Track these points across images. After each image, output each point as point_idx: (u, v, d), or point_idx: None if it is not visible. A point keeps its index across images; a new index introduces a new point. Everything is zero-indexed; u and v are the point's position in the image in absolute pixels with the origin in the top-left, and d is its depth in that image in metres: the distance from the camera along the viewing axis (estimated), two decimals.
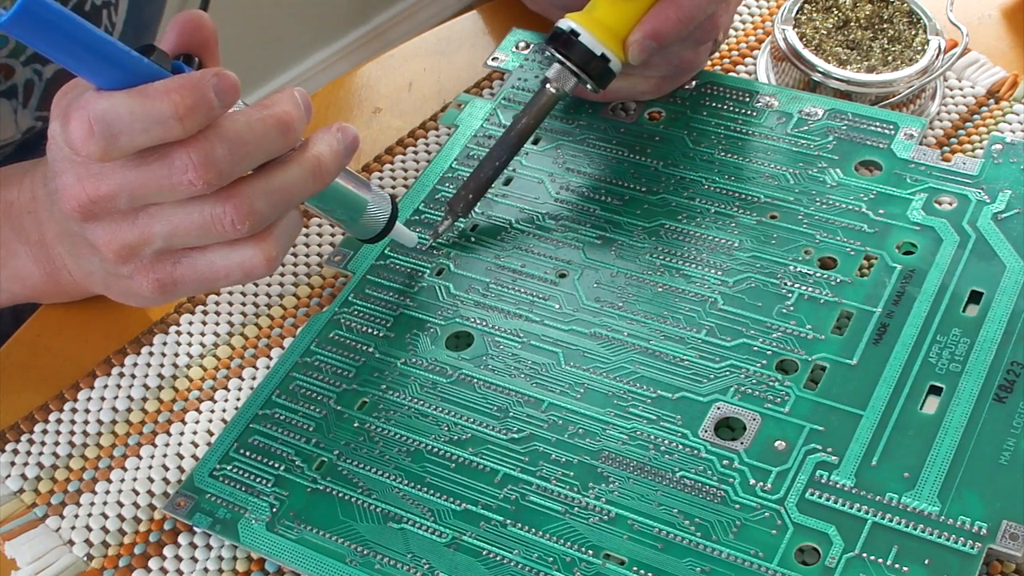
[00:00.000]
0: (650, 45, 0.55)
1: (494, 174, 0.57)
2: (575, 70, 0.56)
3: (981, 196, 0.55)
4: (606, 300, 0.54)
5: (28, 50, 0.62)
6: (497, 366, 0.52)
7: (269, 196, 0.45)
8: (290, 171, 0.46)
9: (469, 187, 0.57)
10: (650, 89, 0.60)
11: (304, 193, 0.47)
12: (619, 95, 0.61)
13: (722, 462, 0.48)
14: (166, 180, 0.43)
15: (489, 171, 0.57)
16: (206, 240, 0.45)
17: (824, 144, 0.58)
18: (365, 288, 0.56)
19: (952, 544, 0.45)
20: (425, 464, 0.49)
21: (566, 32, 0.56)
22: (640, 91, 0.60)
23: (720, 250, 0.55)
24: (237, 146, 0.44)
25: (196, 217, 0.45)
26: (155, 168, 0.43)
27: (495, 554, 0.47)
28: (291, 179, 0.46)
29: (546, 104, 0.57)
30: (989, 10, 0.66)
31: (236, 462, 0.51)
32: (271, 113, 0.45)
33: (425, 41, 0.69)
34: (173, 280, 0.47)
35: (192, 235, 0.45)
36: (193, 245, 0.46)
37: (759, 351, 0.51)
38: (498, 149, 0.57)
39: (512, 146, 0.57)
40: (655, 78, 0.60)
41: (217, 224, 0.45)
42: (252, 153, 0.44)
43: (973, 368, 0.49)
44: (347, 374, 0.53)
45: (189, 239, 0.45)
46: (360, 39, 1.66)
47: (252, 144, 0.44)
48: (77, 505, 0.51)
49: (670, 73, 0.60)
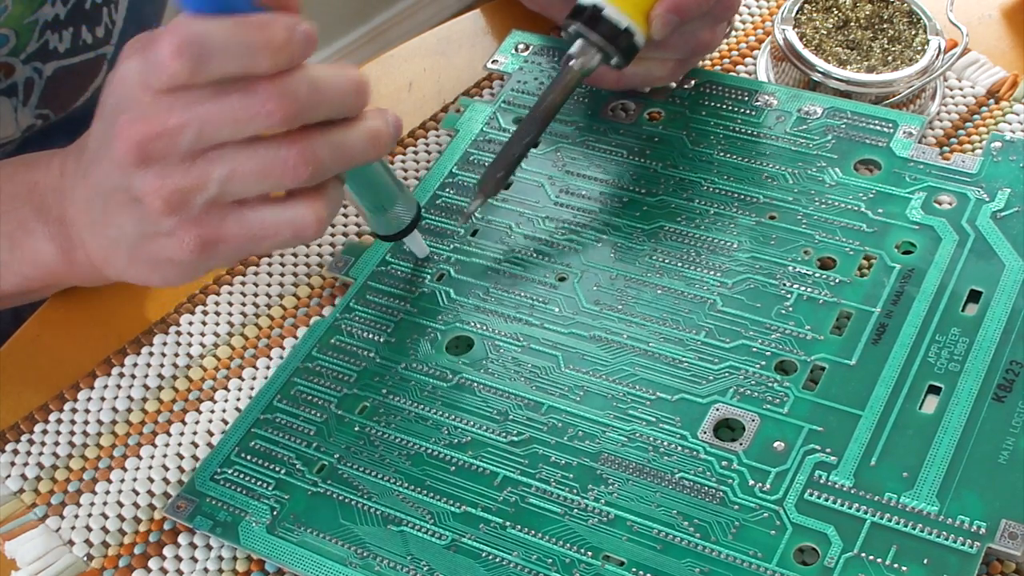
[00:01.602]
0: (673, 19, 0.56)
1: (522, 152, 0.56)
2: (600, 44, 0.56)
3: (980, 195, 0.55)
4: (605, 303, 0.54)
5: (29, 48, 0.62)
6: (497, 370, 0.52)
7: (332, 149, 0.45)
8: (353, 132, 0.46)
9: (498, 166, 0.56)
10: (666, 74, 0.60)
11: (362, 157, 0.46)
12: (635, 81, 0.61)
13: (721, 463, 0.48)
14: (244, 111, 0.43)
15: (518, 150, 0.56)
16: (263, 186, 0.45)
17: (823, 143, 0.58)
18: (366, 294, 0.56)
19: (951, 543, 0.45)
20: (425, 467, 0.50)
21: (589, 7, 0.55)
22: (656, 76, 0.60)
23: (719, 251, 0.55)
24: (317, 90, 0.44)
25: (258, 159, 0.44)
26: (234, 99, 0.43)
27: (495, 556, 0.47)
28: (353, 139, 0.46)
29: (571, 81, 0.56)
30: (989, 10, 0.66)
31: (237, 466, 0.51)
32: (349, 73, 0.45)
33: (425, 41, 0.69)
34: (218, 237, 0.45)
35: (250, 180, 0.44)
36: (248, 194, 0.45)
37: (758, 352, 0.51)
38: (525, 127, 0.56)
39: (540, 124, 0.56)
40: (671, 62, 0.60)
41: (279, 167, 0.44)
42: (328, 101, 0.44)
43: (972, 367, 0.49)
44: (348, 379, 0.53)
45: (247, 184, 0.45)
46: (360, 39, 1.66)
47: (330, 93, 0.44)
48: (77, 505, 0.51)
49: (686, 55, 0.60)
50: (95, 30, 0.65)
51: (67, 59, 0.64)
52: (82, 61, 0.65)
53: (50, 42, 0.63)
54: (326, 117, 0.45)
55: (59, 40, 0.63)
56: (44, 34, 0.62)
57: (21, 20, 0.61)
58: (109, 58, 0.67)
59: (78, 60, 0.65)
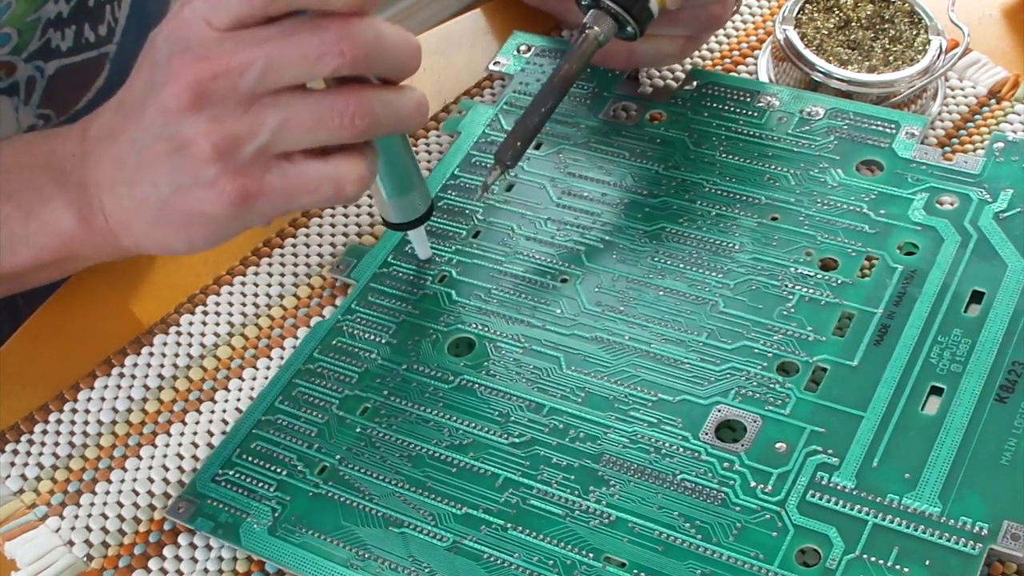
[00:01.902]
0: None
1: (540, 121, 0.55)
2: (616, 10, 0.55)
3: (983, 195, 0.55)
4: (607, 304, 0.54)
5: (31, 47, 0.62)
6: (498, 371, 0.52)
7: (386, 107, 0.45)
8: (404, 95, 0.46)
9: (516, 136, 0.55)
10: (676, 51, 0.61)
11: (410, 122, 0.46)
12: (645, 59, 0.61)
13: (723, 464, 0.48)
14: (315, 49, 0.43)
15: (536, 118, 0.55)
16: (316, 138, 0.44)
17: (825, 144, 0.58)
18: (368, 296, 0.56)
19: (953, 545, 0.45)
20: (426, 469, 0.49)
21: None
22: (666, 53, 0.60)
23: (721, 252, 0.55)
24: (381, 39, 0.44)
25: (315, 108, 0.44)
26: (304, 36, 0.43)
27: (496, 558, 0.47)
28: (405, 102, 0.46)
29: (587, 49, 0.56)
30: (990, 10, 0.66)
31: (239, 467, 0.51)
32: (409, 34, 0.45)
33: (425, 41, 0.69)
34: (259, 189, 0.45)
35: (304, 131, 0.44)
36: (300, 145, 0.44)
37: (760, 353, 0.51)
38: (543, 96, 0.55)
39: (557, 92, 0.55)
40: (680, 39, 0.60)
41: (336, 119, 0.44)
42: (390, 55, 0.44)
43: (974, 368, 0.49)
44: (349, 380, 0.53)
45: (300, 135, 0.44)
46: None
47: (393, 48, 0.44)
48: (77, 506, 0.51)
49: (696, 30, 0.60)
50: (98, 28, 0.65)
51: (69, 58, 0.64)
52: (84, 60, 0.65)
53: (52, 40, 0.63)
54: (385, 73, 0.45)
55: (61, 38, 0.63)
56: (46, 32, 0.62)
57: (23, 18, 0.61)
58: (111, 57, 0.66)
59: (80, 59, 0.65)
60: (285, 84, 0.43)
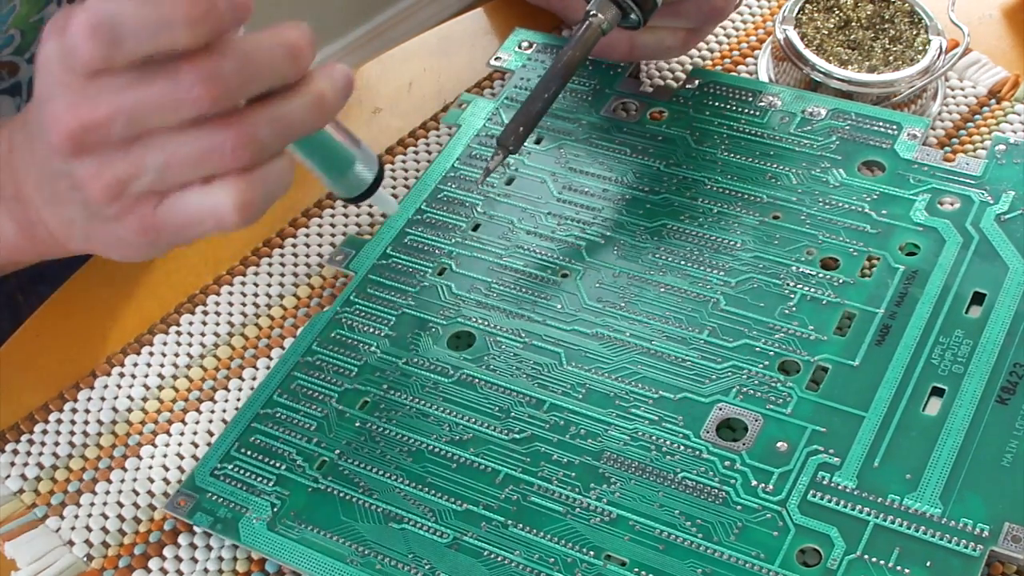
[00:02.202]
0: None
1: (543, 107, 0.55)
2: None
3: (984, 197, 0.55)
4: (608, 300, 0.54)
5: (33, 47, 0.62)
6: (499, 366, 0.52)
7: (273, 125, 0.42)
8: (294, 101, 0.43)
9: (519, 120, 0.55)
10: (678, 43, 0.60)
11: (305, 127, 0.44)
12: (647, 51, 0.60)
13: (724, 463, 0.48)
14: (170, 96, 0.41)
15: (539, 104, 0.55)
16: (203, 171, 0.42)
17: (827, 144, 0.58)
18: (367, 288, 0.56)
19: (954, 546, 0.45)
20: (426, 464, 0.49)
21: None
22: (668, 45, 0.60)
23: (722, 250, 0.55)
24: (246, 64, 0.41)
25: (194, 144, 0.42)
26: (159, 84, 0.41)
27: (496, 555, 0.47)
28: (294, 109, 0.43)
29: (590, 37, 0.55)
30: (990, 10, 0.66)
31: (237, 461, 0.50)
32: (282, 38, 0.42)
33: (425, 41, 0.69)
34: (154, 225, 0.43)
35: (188, 166, 0.42)
36: (190, 179, 0.42)
37: (761, 352, 0.51)
38: (546, 82, 0.55)
39: (560, 79, 0.55)
40: (683, 31, 0.60)
41: (216, 154, 0.41)
42: (260, 74, 0.42)
43: (976, 370, 0.49)
44: (349, 374, 0.53)
45: (184, 171, 0.42)
46: (360, 39, 1.66)
47: (261, 65, 0.41)
48: (77, 505, 0.51)
49: (699, 23, 0.60)
50: None
51: None
52: None
53: None
54: (262, 91, 0.42)
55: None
56: None
57: (27, 19, 0.61)
58: None
59: None
60: (156, 127, 0.42)
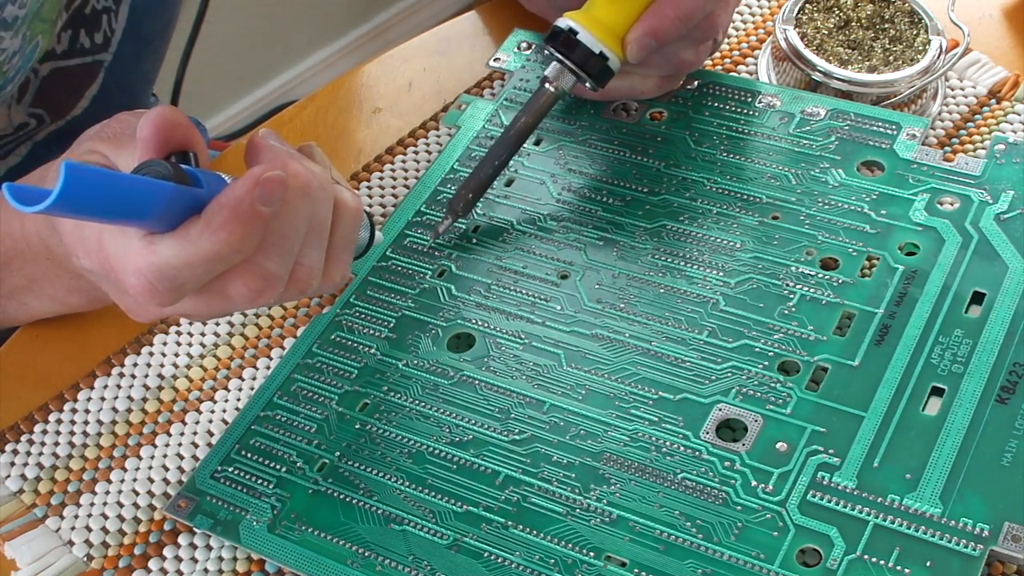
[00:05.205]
0: (649, 43, 0.55)
1: (494, 173, 0.57)
2: (574, 68, 0.56)
3: (983, 197, 0.55)
4: (608, 301, 0.54)
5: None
6: (498, 367, 0.52)
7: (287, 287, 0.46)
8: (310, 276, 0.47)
9: (469, 187, 0.57)
10: (650, 89, 0.60)
11: (317, 291, 0.48)
12: (619, 94, 0.60)
13: (724, 464, 0.48)
14: (225, 307, 0.45)
15: (488, 170, 0.57)
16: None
17: (826, 144, 0.58)
18: (367, 290, 0.56)
19: (954, 546, 0.45)
20: (426, 466, 0.49)
21: (564, 31, 0.56)
22: (640, 91, 0.60)
23: (722, 251, 0.55)
24: (285, 249, 0.44)
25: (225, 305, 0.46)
26: (216, 300, 0.44)
27: (496, 556, 0.47)
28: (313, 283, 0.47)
29: (545, 103, 0.57)
30: (990, 10, 0.66)
31: (237, 463, 0.50)
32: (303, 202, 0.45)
33: (425, 41, 0.69)
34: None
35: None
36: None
37: (761, 352, 0.51)
38: (497, 148, 0.57)
39: (512, 145, 0.57)
40: (655, 77, 0.60)
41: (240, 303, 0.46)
42: (295, 245, 0.45)
43: (975, 369, 0.49)
44: (349, 376, 0.53)
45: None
46: (360, 39, 1.66)
47: (295, 236, 0.45)
48: (77, 505, 0.51)
49: (669, 73, 0.60)
50: (94, 35, 0.65)
51: (63, 60, 0.65)
52: (78, 64, 0.65)
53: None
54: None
55: (57, 41, 0.63)
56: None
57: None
58: (106, 66, 0.67)
59: (74, 63, 0.65)
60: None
